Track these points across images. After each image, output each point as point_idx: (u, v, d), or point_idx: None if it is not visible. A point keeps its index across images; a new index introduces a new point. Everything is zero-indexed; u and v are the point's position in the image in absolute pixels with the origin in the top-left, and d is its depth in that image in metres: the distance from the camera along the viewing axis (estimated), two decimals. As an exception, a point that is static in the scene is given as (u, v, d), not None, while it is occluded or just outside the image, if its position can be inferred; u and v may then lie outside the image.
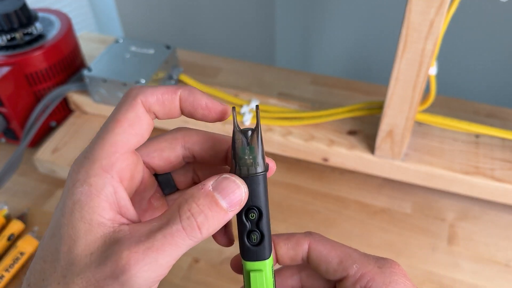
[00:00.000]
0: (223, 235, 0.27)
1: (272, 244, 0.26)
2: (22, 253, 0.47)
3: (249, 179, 0.23)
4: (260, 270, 0.24)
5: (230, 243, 0.27)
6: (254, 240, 0.24)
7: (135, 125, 0.23)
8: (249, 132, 0.24)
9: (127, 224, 0.22)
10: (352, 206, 0.52)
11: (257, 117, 0.24)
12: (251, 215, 0.24)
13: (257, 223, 0.24)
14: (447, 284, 0.45)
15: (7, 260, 0.46)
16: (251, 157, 0.23)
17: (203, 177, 0.28)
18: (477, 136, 0.52)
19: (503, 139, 0.51)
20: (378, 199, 0.53)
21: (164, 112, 0.24)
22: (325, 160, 0.53)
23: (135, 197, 0.25)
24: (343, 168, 0.53)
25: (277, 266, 0.27)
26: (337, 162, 0.52)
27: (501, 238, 0.49)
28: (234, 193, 0.22)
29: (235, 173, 0.23)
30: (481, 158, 0.49)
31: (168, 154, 0.25)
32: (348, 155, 0.51)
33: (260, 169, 0.23)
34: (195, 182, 0.28)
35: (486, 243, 0.48)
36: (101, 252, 0.21)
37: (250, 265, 0.25)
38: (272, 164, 0.25)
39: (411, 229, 0.50)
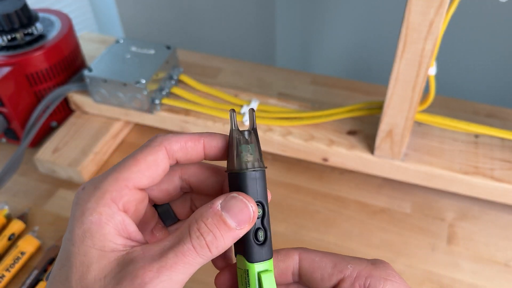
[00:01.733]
0: (222, 258, 0.27)
1: None
2: (22, 253, 0.47)
3: (256, 174, 0.23)
4: (269, 271, 0.24)
5: (226, 266, 0.27)
6: (261, 238, 0.24)
7: (151, 168, 0.24)
8: (246, 133, 0.24)
9: (139, 246, 0.22)
10: (352, 206, 0.52)
11: (253, 118, 0.24)
12: (258, 212, 0.24)
13: (262, 220, 0.24)
14: (447, 284, 0.45)
15: (8, 259, 0.46)
16: (252, 154, 0.24)
17: (200, 206, 0.29)
18: (477, 136, 0.52)
19: (503, 139, 0.51)
20: (378, 199, 0.53)
21: (186, 159, 0.25)
22: (325, 160, 0.53)
23: (139, 228, 0.26)
24: (343, 168, 0.54)
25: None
26: (337, 162, 0.52)
27: (500, 238, 0.49)
28: (242, 212, 0.22)
29: (237, 167, 0.24)
30: (480, 158, 0.50)
31: (166, 186, 0.26)
32: (348, 155, 0.51)
33: (262, 164, 0.24)
34: (193, 211, 0.29)
35: (485, 243, 0.48)
36: (115, 274, 0.21)
37: (258, 266, 0.24)
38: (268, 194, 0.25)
39: (410, 229, 0.50)
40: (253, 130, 0.24)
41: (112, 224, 0.22)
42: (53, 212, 0.53)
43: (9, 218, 0.51)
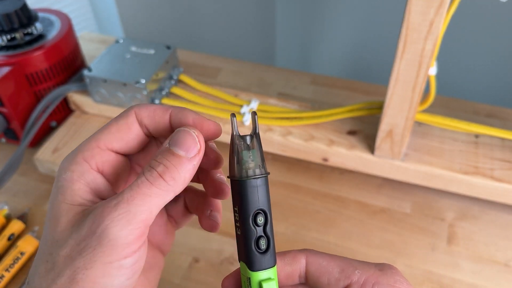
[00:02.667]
0: (207, 218, 0.27)
1: None
2: (22, 253, 0.47)
3: (257, 181, 0.23)
4: (271, 279, 0.24)
5: (213, 227, 0.27)
6: (263, 246, 0.23)
7: (122, 131, 0.25)
8: (248, 137, 0.24)
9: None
10: (352, 206, 0.52)
11: (255, 122, 0.24)
12: (259, 220, 0.23)
13: (264, 228, 0.23)
14: (447, 284, 0.45)
15: (8, 260, 0.46)
16: (253, 160, 0.23)
17: (191, 204, 0.30)
18: (477, 136, 0.52)
19: (503, 139, 0.51)
20: (378, 199, 0.53)
21: (154, 126, 0.26)
22: (325, 160, 0.53)
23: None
24: (343, 168, 0.54)
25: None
26: (337, 162, 0.52)
27: (500, 238, 0.49)
28: (186, 140, 0.23)
29: (238, 175, 0.23)
30: (480, 158, 0.50)
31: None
32: (348, 155, 0.51)
33: (264, 170, 0.23)
34: (188, 211, 0.30)
35: (485, 243, 0.48)
36: (81, 222, 0.22)
37: (260, 275, 0.23)
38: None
39: (410, 229, 0.50)
40: (255, 134, 0.24)
41: (83, 181, 0.24)
42: (53, 212, 0.53)
43: (8, 218, 0.51)
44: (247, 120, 0.54)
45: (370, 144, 0.51)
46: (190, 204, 0.30)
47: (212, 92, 0.58)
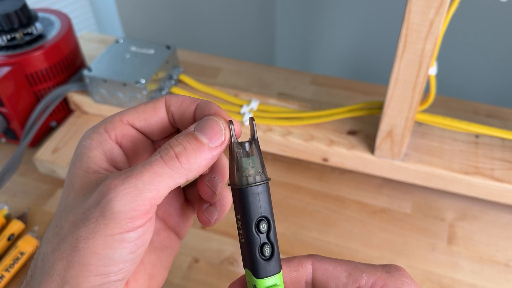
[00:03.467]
0: (202, 211, 0.27)
1: None
2: (22, 253, 0.47)
3: (257, 188, 0.23)
4: (277, 285, 0.23)
5: (205, 222, 0.27)
6: (267, 253, 0.23)
7: (147, 112, 0.25)
8: (247, 144, 0.24)
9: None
10: (352, 206, 0.52)
11: (254, 128, 0.24)
12: (262, 227, 0.23)
13: (267, 235, 0.23)
14: (447, 284, 0.45)
15: (7, 260, 0.46)
16: (253, 167, 0.23)
17: (191, 197, 0.30)
18: (477, 136, 0.52)
19: (503, 139, 0.51)
20: (378, 199, 0.53)
21: (180, 113, 0.26)
22: (325, 160, 0.53)
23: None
24: (343, 168, 0.54)
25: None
26: (337, 162, 0.52)
27: (501, 238, 0.49)
28: (213, 128, 0.23)
29: (238, 183, 0.23)
30: (481, 158, 0.49)
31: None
32: (348, 155, 0.51)
33: (264, 177, 0.23)
34: (188, 205, 0.30)
35: (485, 243, 0.48)
36: (91, 191, 0.22)
37: (266, 281, 0.23)
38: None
39: (411, 229, 0.50)
40: (253, 140, 0.24)
41: (100, 149, 0.24)
42: (53, 212, 0.53)
43: (8, 218, 0.51)
44: (247, 120, 0.54)
45: (370, 144, 0.51)
46: (190, 195, 0.30)
47: (212, 92, 0.58)
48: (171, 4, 0.91)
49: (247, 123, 0.54)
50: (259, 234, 0.23)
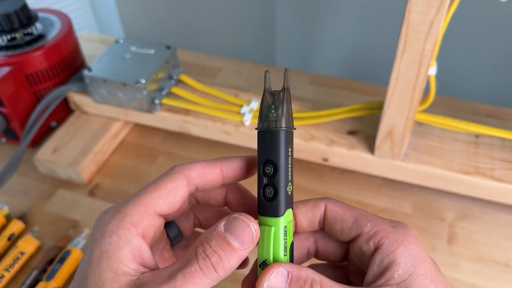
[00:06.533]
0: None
1: (292, 211, 0.26)
2: (22, 253, 0.47)
3: (268, 133, 0.24)
4: (270, 226, 0.24)
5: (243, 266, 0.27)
6: (268, 194, 0.24)
7: (171, 195, 0.25)
8: (277, 93, 0.25)
9: (150, 272, 0.23)
10: (352, 206, 0.52)
11: (286, 79, 0.25)
12: (267, 169, 0.24)
13: (272, 178, 0.24)
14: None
15: (8, 260, 0.46)
16: (274, 114, 0.24)
17: (204, 220, 0.30)
18: (477, 136, 0.52)
19: (503, 139, 0.51)
20: (378, 199, 0.53)
21: (205, 183, 0.26)
22: (325, 160, 0.53)
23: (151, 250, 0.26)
24: (343, 168, 0.54)
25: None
26: (337, 162, 0.52)
27: (501, 238, 0.49)
28: (245, 232, 0.23)
29: (258, 125, 0.24)
30: (481, 158, 0.49)
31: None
32: (348, 155, 0.51)
33: (280, 125, 0.24)
34: (196, 226, 0.30)
35: (486, 243, 0.48)
36: None
37: (262, 219, 0.25)
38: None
39: (411, 229, 0.50)
40: (282, 90, 0.25)
41: (129, 248, 0.23)
42: (52, 212, 0.53)
43: (8, 218, 0.51)
44: (247, 120, 0.54)
45: (370, 144, 0.51)
46: (203, 221, 0.30)
47: (212, 92, 0.58)
48: (171, 4, 0.91)
49: (247, 123, 0.54)
50: (264, 176, 0.24)
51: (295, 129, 0.25)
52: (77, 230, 0.51)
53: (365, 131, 0.53)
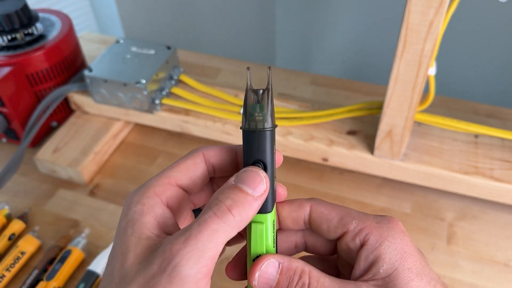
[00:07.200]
0: (238, 274, 0.28)
1: (275, 206, 0.27)
2: (23, 253, 0.47)
3: (256, 134, 0.24)
4: (261, 223, 0.25)
5: (240, 277, 0.28)
6: None
7: (190, 169, 0.26)
8: (261, 92, 0.25)
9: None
10: (352, 206, 0.52)
11: (269, 78, 0.25)
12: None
13: None
14: (447, 283, 0.45)
15: (8, 259, 0.46)
16: (260, 114, 0.24)
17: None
18: (477, 136, 0.52)
19: (503, 139, 0.51)
20: (377, 199, 0.53)
21: (221, 163, 0.27)
22: (325, 160, 0.53)
23: None
24: (342, 168, 0.54)
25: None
26: (337, 162, 0.53)
27: (500, 238, 0.49)
28: (256, 179, 0.24)
29: (242, 125, 0.25)
30: (480, 158, 0.50)
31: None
32: (348, 155, 0.51)
33: (267, 125, 0.24)
34: None
35: (485, 243, 0.48)
36: (148, 257, 0.22)
37: (254, 217, 0.25)
38: (278, 156, 0.27)
39: (410, 229, 0.50)
40: (266, 90, 0.25)
41: (152, 214, 0.24)
42: (53, 212, 0.53)
43: (9, 218, 0.51)
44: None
45: (370, 144, 0.51)
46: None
47: (212, 92, 0.58)
48: (171, 4, 0.91)
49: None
50: None
51: (277, 126, 0.26)
52: (77, 230, 0.51)
53: (365, 131, 0.53)
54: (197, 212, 0.30)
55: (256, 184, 0.24)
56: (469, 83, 0.77)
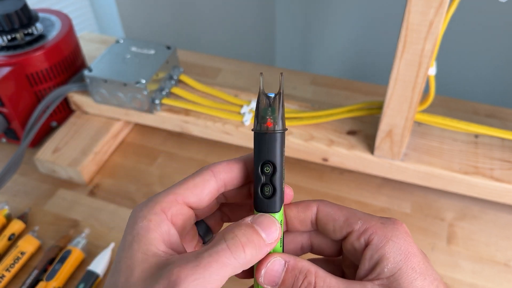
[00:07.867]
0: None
1: (283, 207, 0.27)
2: (22, 253, 0.47)
3: (267, 136, 0.25)
4: None
5: (245, 275, 0.28)
6: (267, 193, 0.26)
7: (198, 187, 0.26)
8: (272, 96, 0.26)
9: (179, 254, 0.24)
10: (352, 206, 0.52)
11: (281, 83, 0.26)
12: (266, 169, 0.26)
13: (271, 177, 0.26)
14: (447, 283, 0.45)
15: (8, 259, 0.46)
16: (271, 116, 0.25)
17: (232, 215, 0.31)
18: (477, 136, 0.52)
19: (503, 139, 0.51)
20: (377, 199, 0.53)
21: (231, 176, 0.27)
22: (325, 160, 0.53)
23: (184, 246, 0.27)
24: (342, 168, 0.54)
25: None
26: (337, 162, 0.53)
27: (500, 238, 0.49)
28: (271, 227, 0.25)
29: (254, 127, 0.26)
30: (480, 158, 0.50)
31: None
32: (348, 155, 0.51)
33: (278, 128, 0.25)
34: (224, 222, 0.31)
35: (485, 243, 0.48)
36: (154, 275, 0.22)
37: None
38: (289, 191, 0.28)
39: (410, 229, 0.50)
40: (278, 94, 0.26)
41: (158, 231, 0.24)
42: (53, 212, 0.53)
43: (9, 218, 0.51)
44: (247, 120, 0.54)
45: (369, 144, 0.51)
46: (231, 215, 0.31)
47: (212, 92, 0.58)
48: (171, 4, 0.91)
49: (248, 123, 0.54)
50: (263, 175, 0.26)
51: (287, 129, 0.26)
52: (77, 230, 0.51)
53: (365, 131, 0.53)
54: (198, 224, 0.30)
55: (271, 231, 0.24)
56: (469, 83, 0.77)
